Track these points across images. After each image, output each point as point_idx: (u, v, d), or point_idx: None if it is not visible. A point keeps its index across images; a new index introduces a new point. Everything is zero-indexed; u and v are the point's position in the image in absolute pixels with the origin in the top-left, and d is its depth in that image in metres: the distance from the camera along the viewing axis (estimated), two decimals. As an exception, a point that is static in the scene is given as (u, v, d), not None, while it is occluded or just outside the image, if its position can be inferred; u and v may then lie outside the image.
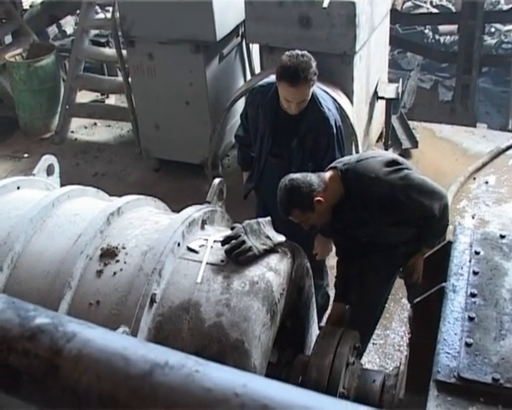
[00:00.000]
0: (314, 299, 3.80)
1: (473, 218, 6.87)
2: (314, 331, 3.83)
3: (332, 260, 5.15)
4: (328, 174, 4.05)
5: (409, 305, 4.85)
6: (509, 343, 2.39)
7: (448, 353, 2.35)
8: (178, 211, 3.50)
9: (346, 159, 4.24)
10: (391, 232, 4.16)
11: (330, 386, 3.21)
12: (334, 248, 4.71)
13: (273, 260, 3.22)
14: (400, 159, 4.25)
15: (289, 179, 3.98)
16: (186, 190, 6.98)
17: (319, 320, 4.47)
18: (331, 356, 3.28)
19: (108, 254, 3.16)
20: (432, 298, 2.74)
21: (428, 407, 2.22)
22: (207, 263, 3.16)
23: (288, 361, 3.45)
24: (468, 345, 2.37)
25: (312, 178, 3.96)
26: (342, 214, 4.07)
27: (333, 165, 4.12)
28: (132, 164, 8.04)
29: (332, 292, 5.00)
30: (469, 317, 2.49)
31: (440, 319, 2.53)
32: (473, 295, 2.59)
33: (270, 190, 4.68)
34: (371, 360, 5.05)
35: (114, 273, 3.10)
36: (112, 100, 9.70)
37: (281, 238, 3.31)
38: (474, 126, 9.32)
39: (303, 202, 3.93)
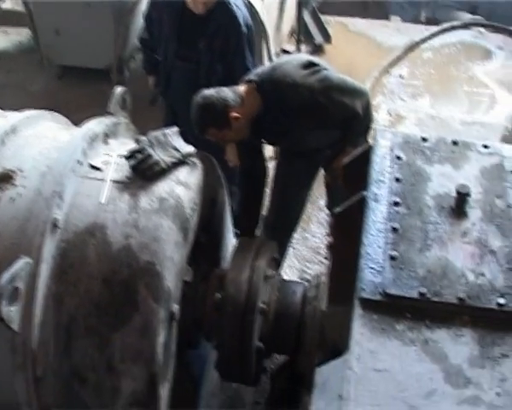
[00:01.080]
0: (228, 209, 3.62)
1: (389, 114, 6.77)
2: (230, 243, 3.67)
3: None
4: (243, 88, 3.80)
5: (328, 210, 4.72)
6: (435, 254, 2.27)
7: (372, 268, 2.23)
8: (83, 122, 3.21)
9: (259, 70, 4.00)
10: (314, 138, 4.00)
11: (249, 301, 3.07)
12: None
13: (182, 173, 3.00)
14: (316, 59, 4.04)
15: (202, 96, 3.70)
16: (92, 97, 6.57)
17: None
18: (248, 270, 3.13)
19: (4, 179, 2.87)
20: (353, 207, 2.60)
21: (354, 327, 2.09)
22: (112, 181, 2.91)
23: (204, 278, 3.28)
24: (392, 258, 2.25)
25: (227, 92, 3.71)
26: (263, 128, 3.85)
27: (247, 78, 3.88)
28: (34, 73, 7.53)
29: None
30: (393, 228, 2.36)
31: (362, 231, 2.39)
32: (396, 204, 2.45)
33: (179, 94, 4.41)
34: (291, 264, 4.96)
35: (11, 199, 2.82)
36: (8, 4, 9.04)
37: (189, 149, 3.07)
38: (387, 19, 9.15)
39: (218, 119, 3.67)
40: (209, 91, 3.73)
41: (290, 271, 4.90)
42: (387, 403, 1.90)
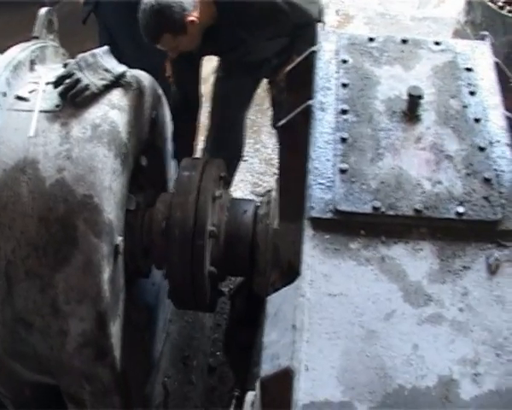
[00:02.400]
0: (170, 128, 3.41)
1: (337, 14, 6.53)
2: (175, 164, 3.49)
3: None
4: None
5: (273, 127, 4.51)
6: (388, 164, 2.12)
7: (321, 184, 2.06)
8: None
9: None
10: (266, 47, 3.77)
11: (197, 224, 2.90)
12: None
13: (116, 95, 2.77)
14: None
15: (156, 0, 3.40)
16: (23, 23, 6.20)
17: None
18: (195, 192, 2.95)
19: None
20: (298, 119, 2.42)
21: (304, 250, 1.94)
22: (40, 111, 2.68)
23: (149, 204, 3.10)
24: (342, 172, 2.08)
25: None
26: (216, 37, 3.60)
27: None
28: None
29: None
30: (342, 138, 2.18)
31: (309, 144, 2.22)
32: (344, 112, 2.27)
33: (111, 9, 4.11)
34: (243, 178, 4.80)
35: None
36: None
37: (122, 68, 2.84)
38: None
39: (175, 24, 3.38)
40: None
41: (243, 185, 4.75)
42: (344, 329, 1.77)
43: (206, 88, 4.17)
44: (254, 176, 4.83)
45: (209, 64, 5.07)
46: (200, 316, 3.87)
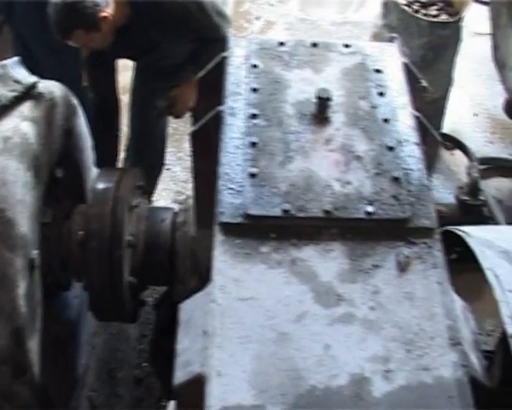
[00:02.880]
0: (88, 138, 3.36)
1: (258, 20, 6.55)
2: (94, 175, 3.43)
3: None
4: None
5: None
6: (298, 166, 2.13)
7: (231, 188, 2.06)
8: None
9: None
10: (180, 52, 3.74)
11: (114, 235, 2.86)
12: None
13: (27, 107, 2.70)
14: None
15: None
16: None
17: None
18: (111, 202, 2.91)
19: None
20: (209, 125, 2.41)
21: (215, 255, 1.93)
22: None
23: (67, 215, 3.04)
24: (252, 176, 2.08)
25: None
26: (130, 38, 3.54)
27: None
28: None
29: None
30: (251, 142, 2.19)
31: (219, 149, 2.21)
32: (253, 117, 2.28)
33: (24, 18, 4.02)
34: (166, 187, 4.76)
35: None
36: None
37: (33, 79, 2.78)
38: None
39: (87, 19, 3.28)
40: None
41: (166, 194, 4.71)
42: (255, 333, 1.77)
43: (127, 98, 4.13)
44: (177, 184, 4.78)
45: (128, 74, 5.05)
46: (125, 327, 3.82)
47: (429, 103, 4.75)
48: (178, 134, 5.00)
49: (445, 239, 2.11)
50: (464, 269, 2.12)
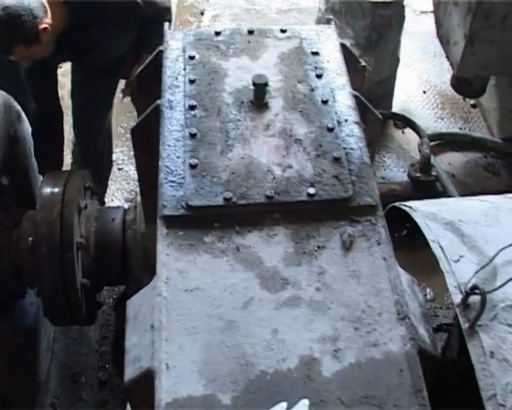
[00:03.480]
0: (32, 145, 3.32)
1: (202, 14, 6.51)
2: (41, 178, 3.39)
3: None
4: None
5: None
6: (238, 154, 2.12)
7: (172, 181, 2.05)
8: None
9: None
10: (119, 45, 3.67)
11: (64, 238, 2.83)
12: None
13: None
14: None
15: (2, 9, 3.15)
16: None
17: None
18: (59, 206, 2.87)
19: None
20: (149, 119, 2.40)
21: (159, 249, 1.92)
22: None
23: (17, 223, 3.00)
24: (192, 167, 2.08)
25: (28, 1, 3.22)
26: (69, 40, 3.44)
27: None
28: None
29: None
30: (191, 134, 2.18)
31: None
32: (192, 108, 2.27)
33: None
34: (120, 187, 4.71)
35: None
36: None
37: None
38: None
39: (27, 34, 3.13)
40: (6, 2, 3.09)
41: (120, 194, 4.67)
42: (203, 323, 1.76)
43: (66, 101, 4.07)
44: (131, 183, 4.73)
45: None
46: (85, 330, 3.79)
47: (377, 83, 4.84)
48: (129, 133, 4.95)
49: (394, 216, 2.13)
50: (421, 245, 2.13)
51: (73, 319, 3.04)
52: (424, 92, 5.55)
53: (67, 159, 4.07)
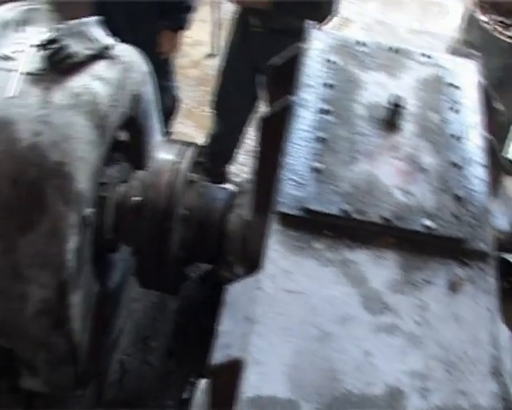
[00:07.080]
0: (156, 106, 3.38)
1: (336, 16, 6.47)
2: (157, 142, 3.45)
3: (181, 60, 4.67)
4: None
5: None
6: (362, 168, 2.11)
7: (293, 180, 2.05)
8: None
9: None
10: None
11: (168, 207, 2.88)
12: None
13: (100, 67, 2.74)
14: None
15: None
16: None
17: (167, 125, 4.10)
18: (169, 174, 2.92)
19: None
20: (280, 113, 2.40)
21: (268, 243, 1.93)
22: (23, 73, 2.65)
23: (125, 180, 3.07)
24: (316, 171, 2.07)
25: None
26: None
27: None
28: None
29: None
30: (319, 137, 2.17)
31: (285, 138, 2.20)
32: (324, 112, 2.26)
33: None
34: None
35: None
36: None
37: (110, 41, 2.81)
38: None
39: None
40: None
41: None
42: (298, 327, 1.76)
43: (199, 71, 4.15)
44: (237, 168, 4.81)
45: (202, 48, 5.07)
46: (165, 298, 3.85)
47: (497, 127, 4.72)
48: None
49: (499, 267, 2.08)
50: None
51: (160, 285, 3.10)
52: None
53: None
